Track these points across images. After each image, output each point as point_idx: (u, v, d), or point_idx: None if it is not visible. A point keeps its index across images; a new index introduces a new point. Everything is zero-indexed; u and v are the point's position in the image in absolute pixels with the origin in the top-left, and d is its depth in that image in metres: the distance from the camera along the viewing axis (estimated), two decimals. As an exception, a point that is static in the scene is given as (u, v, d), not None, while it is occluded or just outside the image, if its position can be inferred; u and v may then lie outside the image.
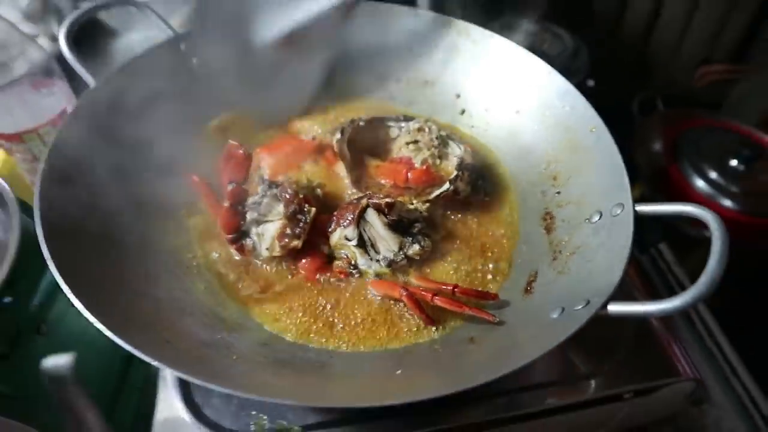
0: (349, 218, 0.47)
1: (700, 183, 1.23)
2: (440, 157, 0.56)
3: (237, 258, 0.49)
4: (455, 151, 0.56)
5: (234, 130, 0.58)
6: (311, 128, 0.59)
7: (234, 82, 0.58)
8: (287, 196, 0.47)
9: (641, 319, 0.50)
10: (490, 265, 0.49)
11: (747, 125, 1.34)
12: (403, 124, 0.58)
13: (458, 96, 0.62)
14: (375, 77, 0.63)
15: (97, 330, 0.59)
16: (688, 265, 0.87)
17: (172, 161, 0.52)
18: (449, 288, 0.44)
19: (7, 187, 0.46)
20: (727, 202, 1.18)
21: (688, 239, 1.09)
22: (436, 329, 0.44)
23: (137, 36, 1.05)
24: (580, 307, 0.38)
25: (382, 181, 0.55)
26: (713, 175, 1.22)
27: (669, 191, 1.22)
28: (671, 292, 0.71)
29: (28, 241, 0.43)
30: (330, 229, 0.49)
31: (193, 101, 0.56)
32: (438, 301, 0.43)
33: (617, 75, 0.58)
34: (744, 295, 1.13)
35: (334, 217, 0.49)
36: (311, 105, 0.61)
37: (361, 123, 0.57)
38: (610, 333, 0.51)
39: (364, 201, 0.48)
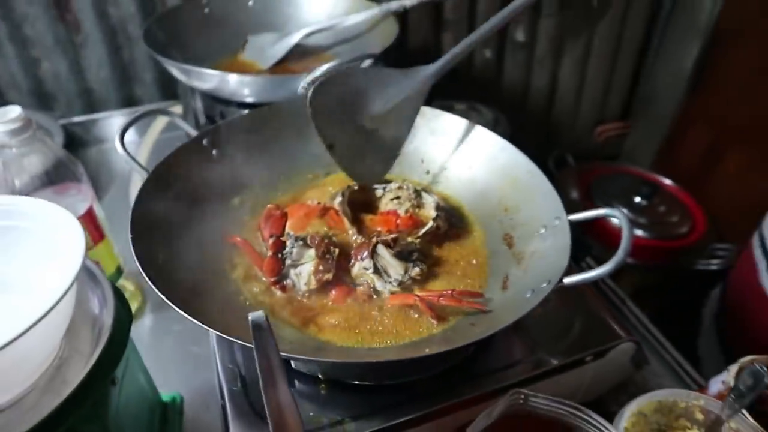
0: (365, 253, 0.64)
1: (614, 219, 1.48)
2: (419, 207, 0.75)
3: (279, 294, 0.64)
4: (429, 200, 0.75)
5: (252, 204, 0.75)
6: (314, 196, 0.76)
7: (248, 167, 0.76)
8: (317, 242, 0.63)
9: (585, 285, 0.67)
10: (471, 278, 0.67)
11: (642, 168, 1.65)
12: (385, 185, 0.77)
13: (422, 161, 0.82)
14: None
15: (147, 385, 0.70)
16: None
17: (215, 230, 0.68)
18: (449, 292, 0.61)
19: (98, 269, 0.59)
20: (639, 232, 1.45)
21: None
22: (446, 322, 0.60)
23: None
24: (544, 285, 0.57)
25: (378, 229, 0.73)
26: (624, 210, 1.49)
27: (591, 229, 1.47)
28: (600, 290, 0.91)
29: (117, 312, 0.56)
30: (350, 264, 0.65)
31: (219, 183, 0.73)
32: (443, 301, 0.60)
33: (532, 139, 0.79)
34: (657, 300, 1.37)
35: (353, 254, 0.65)
36: (311, 179, 0.80)
37: (355, 188, 0.75)
38: (558, 320, 0.69)
39: (374, 239, 0.65)
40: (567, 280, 0.56)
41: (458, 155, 0.80)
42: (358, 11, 1.09)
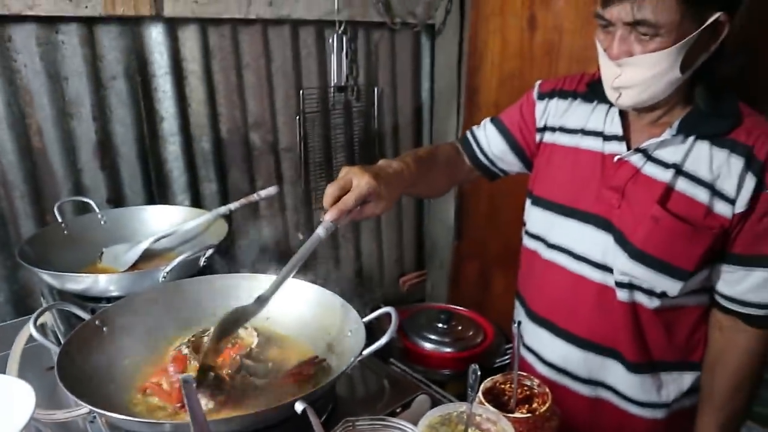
0: (237, 367, 0.99)
1: (427, 345, 1.98)
2: (239, 339, 1.12)
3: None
4: (243, 332, 1.12)
5: (138, 363, 1.06)
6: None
7: (131, 337, 1.08)
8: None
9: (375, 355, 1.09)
10: (311, 372, 1.05)
11: (440, 303, 2.19)
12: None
13: (268, 318, 1.21)
14: (209, 315, 1.19)
15: None
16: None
17: (116, 381, 0.98)
18: (305, 362, 0.99)
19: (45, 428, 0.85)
20: (446, 349, 1.93)
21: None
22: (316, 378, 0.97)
23: None
24: (352, 359, 0.96)
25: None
26: (432, 336, 1.99)
27: (410, 357, 1.92)
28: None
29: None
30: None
31: (111, 350, 1.04)
32: (303, 369, 0.97)
33: (349, 297, 1.21)
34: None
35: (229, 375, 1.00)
36: (182, 340, 1.13)
37: (192, 338, 1.10)
38: (373, 391, 1.08)
39: (237, 357, 1.01)
40: (365, 352, 0.97)
41: (290, 304, 1.20)
42: (194, 217, 1.52)
